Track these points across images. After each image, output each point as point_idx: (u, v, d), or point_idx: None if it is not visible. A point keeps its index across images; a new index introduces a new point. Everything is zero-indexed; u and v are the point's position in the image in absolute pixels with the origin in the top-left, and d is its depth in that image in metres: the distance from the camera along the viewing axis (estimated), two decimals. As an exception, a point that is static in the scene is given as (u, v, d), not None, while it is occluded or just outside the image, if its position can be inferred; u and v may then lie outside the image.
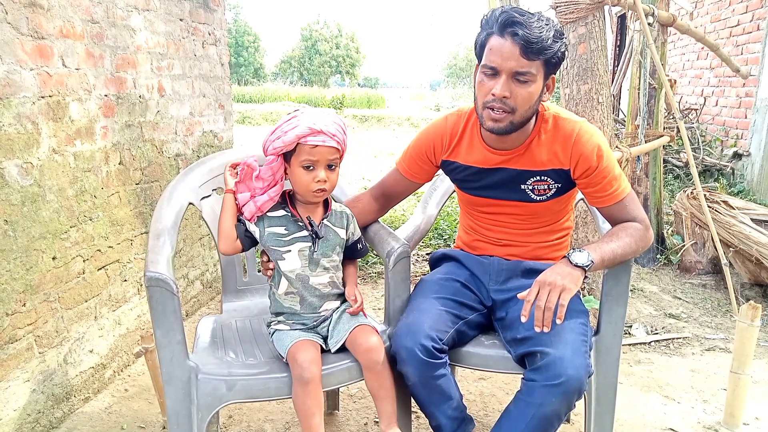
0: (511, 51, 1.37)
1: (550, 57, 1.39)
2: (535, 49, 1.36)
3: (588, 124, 1.54)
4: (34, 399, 1.86)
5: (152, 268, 1.40)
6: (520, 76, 1.39)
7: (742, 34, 5.69)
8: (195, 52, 2.94)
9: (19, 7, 1.73)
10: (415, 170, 1.72)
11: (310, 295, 1.56)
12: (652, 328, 2.90)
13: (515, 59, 1.37)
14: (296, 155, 1.49)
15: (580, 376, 1.34)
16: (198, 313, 3.03)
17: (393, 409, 1.52)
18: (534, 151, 1.54)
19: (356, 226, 1.66)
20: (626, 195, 1.54)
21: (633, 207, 1.55)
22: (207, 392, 1.44)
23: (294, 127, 1.46)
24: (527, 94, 1.41)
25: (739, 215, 3.27)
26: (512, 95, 1.40)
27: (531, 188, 1.57)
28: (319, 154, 1.48)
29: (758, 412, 2.17)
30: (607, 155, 1.51)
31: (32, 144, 1.81)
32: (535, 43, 1.35)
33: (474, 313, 1.62)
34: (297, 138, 1.46)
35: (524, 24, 1.35)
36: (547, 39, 1.36)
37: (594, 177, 1.51)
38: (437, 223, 4.34)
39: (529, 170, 1.56)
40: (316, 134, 1.46)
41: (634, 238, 1.50)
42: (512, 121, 1.44)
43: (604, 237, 1.51)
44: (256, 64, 42.37)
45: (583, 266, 1.39)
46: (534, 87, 1.41)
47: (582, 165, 1.51)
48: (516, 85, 1.40)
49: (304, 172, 1.49)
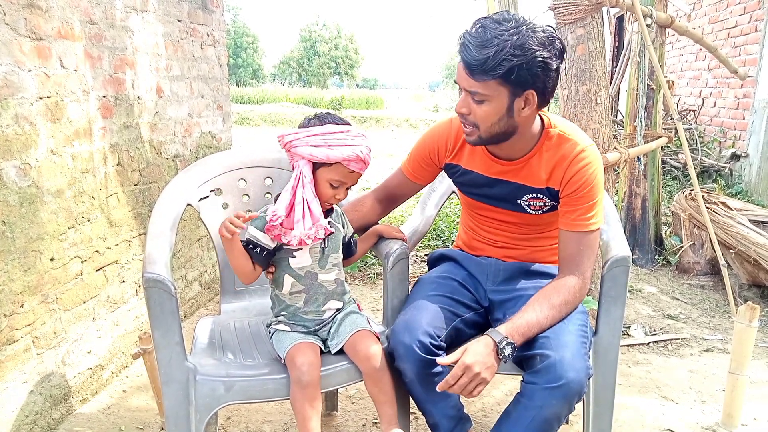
0: (462, 71, 1.39)
1: (504, 75, 1.32)
2: (477, 70, 1.33)
3: (592, 149, 1.50)
4: (32, 400, 1.86)
5: (150, 269, 1.40)
6: (474, 96, 1.40)
7: (740, 35, 5.71)
8: (193, 53, 2.94)
9: (18, 8, 1.73)
10: (419, 172, 1.73)
11: (315, 293, 1.56)
12: (651, 328, 2.91)
13: (465, 79, 1.39)
14: (330, 169, 1.48)
15: (580, 378, 1.34)
16: (196, 314, 3.03)
17: (393, 412, 1.53)
18: (533, 167, 1.54)
19: (348, 222, 1.68)
20: (591, 231, 1.49)
21: (587, 250, 1.49)
22: (205, 393, 1.44)
23: (343, 145, 1.45)
24: (484, 112, 1.40)
25: (737, 216, 3.28)
26: (471, 112, 1.42)
27: (527, 203, 1.58)
28: (352, 179, 1.51)
29: (756, 412, 2.17)
30: (596, 186, 1.49)
31: (30, 145, 1.81)
32: (474, 64, 1.33)
33: (471, 311, 1.63)
34: (342, 159, 1.45)
35: (468, 45, 1.34)
36: (491, 60, 1.30)
37: (576, 200, 1.50)
38: (436, 224, 4.34)
39: (525, 186, 1.56)
40: (359, 162, 1.47)
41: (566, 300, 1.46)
42: (480, 136, 1.46)
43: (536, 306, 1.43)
44: (254, 65, 42.37)
45: (506, 357, 1.36)
46: (491, 106, 1.39)
47: (569, 187, 1.50)
48: (473, 104, 1.41)
49: (329, 186, 1.50)
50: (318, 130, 1.46)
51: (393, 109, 22.81)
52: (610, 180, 2.88)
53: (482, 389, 1.35)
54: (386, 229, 1.76)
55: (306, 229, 1.45)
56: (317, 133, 1.46)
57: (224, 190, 1.82)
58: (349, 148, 1.45)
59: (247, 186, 1.85)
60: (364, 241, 1.75)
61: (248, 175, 1.85)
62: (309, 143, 1.46)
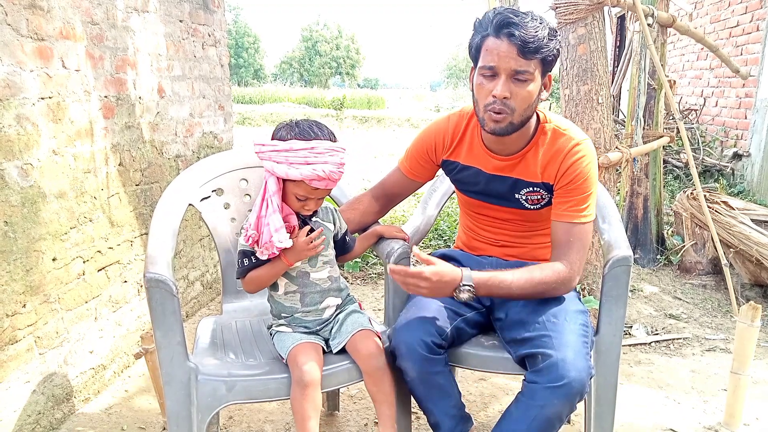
0: (509, 51, 1.38)
1: (546, 55, 1.40)
2: (532, 48, 1.37)
3: (587, 143, 1.52)
4: (34, 400, 1.86)
5: (152, 269, 1.40)
6: (519, 75, 1.40)
7: (742, 34, 5.70)
8: (195, 53, 2.94)
9: (19, 8, 1.74)
10: (417, 169, 1.73)
11: (310, 291, 1.56)
12: (653, 328, 2.90)
13: (513, 59, 1.38)
14: (294, 185, 1.48)
15: (582, 378, 1.35)
16: (198, 314, 3.03)
17: (391, 413, 1.53)
18: (529, 162, 1.55)
19: (342, 219, 1.67)
20: (584, 223, 1.49)
21: (577, 242, 1.49)
22: (207, 393, 1.44)
23: (305, 163, 1.43)
24: (527, 93, 1.42)
25: (739, 216, 3.27)
26: (512, 95, 1.41)
27: (524, 198, 1.59)
28: (319, 194, 1.50)
29: (758, 412, 2.16)
30: (590, 179, 1.50)
31: (32, 145, 1.81)
32: (531, 42, 1.36)
33: (472, 311, 1.63)
34: (303, 178, 1.43)
35: (520, 24, 1.36)
36: (543, 38, 1.38)
37: (568, 192, 1.50)
38: (437, 224, 4.34)
39: (523, 180, 1.56)
40: (322, 180, 1.45)
41: (546, 280, 1.46)
42: (512, 122, 1.45)
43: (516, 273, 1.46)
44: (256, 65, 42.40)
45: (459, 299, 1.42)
46: (533, 86, 1.42)
47: (563, 179, 1.51)
48: (515, 85, 1.41)
49: (296, 199, 1.50)
50: (282, 146, 1.43)
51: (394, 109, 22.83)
52: (611, 179, 2.88)
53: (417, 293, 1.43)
54: (387, 229, 1.75)
55: (262, 246, 1.46)
56: (280, 149, 1.43)
57: (226, 190, 1.82)
58: (310, 167, 1.42)
59: (249, 186, 1.85)
60: (364, 241, 1.75)
61: (250, 175, 1.85)
62: (272, 158, 1.44)
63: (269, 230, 1.45)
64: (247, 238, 1.47)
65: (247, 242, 1.48)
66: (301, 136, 1.45)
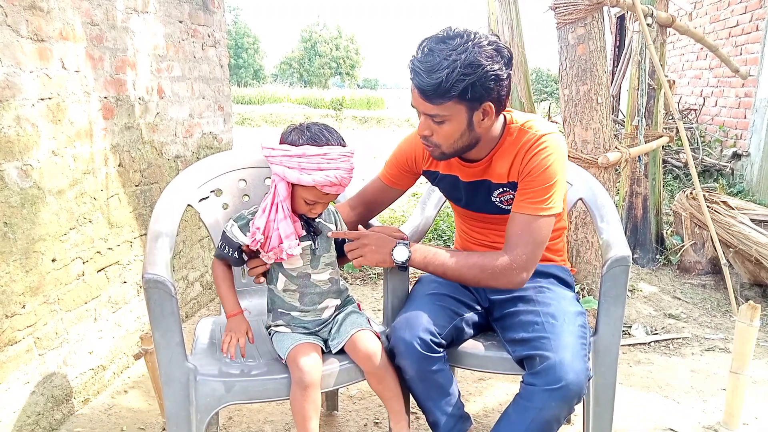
0: (418, 97, 1.39)
1: (461, 94, 1.34)
2: (436, 94, 1.34)
3: (553, 136, 1.47)
4: (34, 401, 1.86)
5: (150, 270, 1.41)
6: (434, 118, 1.41)
7: (741, 34, 5.70)
8: (194, 54, 2.94)
9: (19, 9, 1.74)
10: (397, 178, 1.76)
11: (310, 292, 1.56)
12: (652, 328, 2.91)
13: (422, 104, 1.40)
14: (304, 189, 1.45)
15: (580, 380, 1.35)
16: (198, 314, 3.03)
17: (401, 407, 1.55)
18: (495, 163, 1.54)
19: (342, 221, 1.67)
20: (542, 216, 1.45)
21: (528, 236, 1.45)
22: (206, 393, 1.44)
23: (317, 170, 1.40)
24: (445, 132, 1.43)
25: (738, 215, 3.28)
26: (434, 133, 1.44)
27: (499, 201, 1.58)
28: (328, 198, 1.50)
29: (758, 412, 2.17)
30: (550, 171, 1.45)
31: (32, 146, 1.81)
32: (429, 90, 1.34)
33: (471, 311, 1.64)
34: (315, 184, 1.42)
35: (421, 71, 1.34)
36: (449, 81, 1.31)
37: (527, 183, 1.47)
38: (436, 224, 4.34)
39: (493, 182, 1.56)
40: (333, 186, 1.44)
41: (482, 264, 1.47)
42: (443, 152, 1.48)
43: (455, 252, 1.55)
44: (255, 65, 42.41)
45: (395, 261, 1.52)
46: (452, 125, 1.41)
47: (524, 172, 1.48)
48: (434, 125, 1.42)
49: (304, 202, 1.49)
50: (294, 151, 1.41)
51: (394, 110, 22.78)
52: (611, 179, 2.88)
53: (360, 262, 1.55)
54: (385, 230, 1.75)
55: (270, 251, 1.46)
56: (292, 155, 1.41)
57: (224, 191, 1.82)
58: (322, 173, 1.40)
59: (247, 186, 1.85)
60: None
61: (248, 175, 1.85)
62: (283, 163, 1.42)
63: (279, 236, 1.44)
64: (254, 243, 1.46)
65: (254, 246, 1.47)
66: (313, 142, 1.43)
